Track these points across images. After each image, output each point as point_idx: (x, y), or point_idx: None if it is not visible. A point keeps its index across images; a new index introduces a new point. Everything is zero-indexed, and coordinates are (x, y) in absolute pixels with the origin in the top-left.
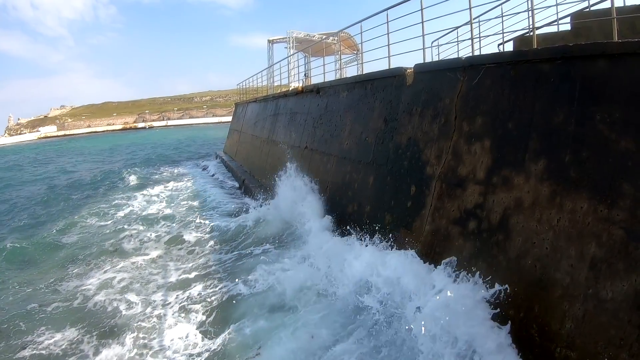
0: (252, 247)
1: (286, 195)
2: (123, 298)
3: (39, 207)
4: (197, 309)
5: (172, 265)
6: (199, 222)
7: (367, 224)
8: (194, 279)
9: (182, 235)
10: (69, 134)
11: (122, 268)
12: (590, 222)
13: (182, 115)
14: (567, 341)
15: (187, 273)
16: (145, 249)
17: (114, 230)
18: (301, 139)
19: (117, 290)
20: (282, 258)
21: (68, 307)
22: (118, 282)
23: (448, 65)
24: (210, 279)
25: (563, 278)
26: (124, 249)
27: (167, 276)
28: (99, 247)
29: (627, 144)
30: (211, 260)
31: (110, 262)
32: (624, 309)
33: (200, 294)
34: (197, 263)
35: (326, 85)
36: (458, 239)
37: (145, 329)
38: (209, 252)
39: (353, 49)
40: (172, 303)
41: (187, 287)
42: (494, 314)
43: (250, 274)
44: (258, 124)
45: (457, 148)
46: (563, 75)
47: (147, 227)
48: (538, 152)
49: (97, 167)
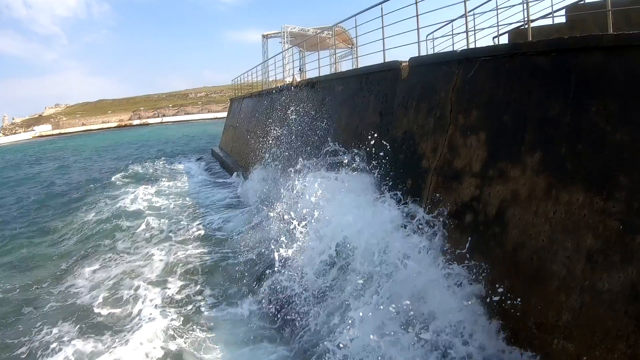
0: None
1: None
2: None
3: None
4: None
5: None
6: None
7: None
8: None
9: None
10: (64, 132)
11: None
12: (587, 214)
13: (177, 112)
14: (564, 333)
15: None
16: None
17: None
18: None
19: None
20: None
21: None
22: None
23: (443, 59)
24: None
25: (560, 270)
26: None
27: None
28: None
29: (623, 136)
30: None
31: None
32: (620, 300)
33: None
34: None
35: (321, 80)
36: (455, 232)
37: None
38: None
39: (348, 43)
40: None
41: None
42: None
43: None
44: (253, 119)
45: (453, 141)
46: (558, 67)
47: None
48: (534, 144)
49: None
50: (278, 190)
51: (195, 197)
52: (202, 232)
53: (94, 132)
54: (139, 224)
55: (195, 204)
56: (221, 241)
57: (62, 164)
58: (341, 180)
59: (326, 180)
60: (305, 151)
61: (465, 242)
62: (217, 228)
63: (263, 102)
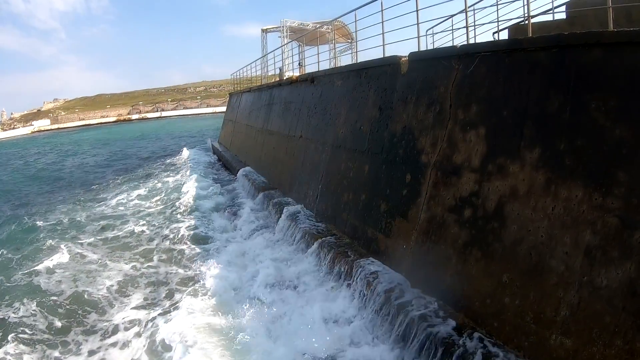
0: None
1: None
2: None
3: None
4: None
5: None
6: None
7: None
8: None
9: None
10: (62, 127)
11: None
12: (585, 210)
13: (176, 106)
14: (562, 328)
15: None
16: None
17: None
18: (296, 128)
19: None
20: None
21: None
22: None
23: (443, 54)
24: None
25: (558, 265)
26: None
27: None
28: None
29: (622, 132)
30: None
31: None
32: (618, 296)
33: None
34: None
35: (320, 74)
36: (453, 227)
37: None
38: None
39: (347, 37)
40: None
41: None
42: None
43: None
44: (252, 113)
45: (452, 136)
46: (558, 63)
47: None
48: (533, 140)
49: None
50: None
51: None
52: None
53: (93, 126)
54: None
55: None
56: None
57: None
58: None
59: None
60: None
61: (464, 236)
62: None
63: (262, 96)
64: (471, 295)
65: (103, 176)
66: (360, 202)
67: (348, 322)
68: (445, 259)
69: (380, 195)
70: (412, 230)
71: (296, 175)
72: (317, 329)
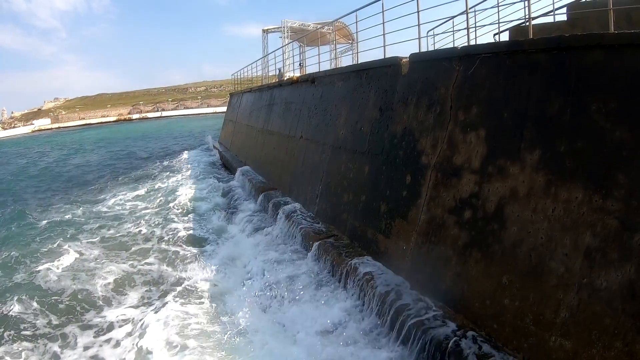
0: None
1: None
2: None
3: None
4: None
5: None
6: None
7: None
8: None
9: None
10: (63, 126)
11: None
12: (585, 211)
13: (176, 106)
14: (561, 330)
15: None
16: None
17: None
18: (296, 129)
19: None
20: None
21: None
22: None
23: (444, 55)
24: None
25: (558, 267)
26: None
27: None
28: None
29: (622, 134)
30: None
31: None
32: (618, 298)
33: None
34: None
35: (321, 75)
36: (453, 228)
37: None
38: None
39: (348, 38)
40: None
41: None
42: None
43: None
44: (253, 114)
45: (453, 137)
46: (559, 65)
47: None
48: (533, 141)
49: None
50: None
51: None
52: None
53: (94, 126)
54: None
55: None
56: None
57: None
58: None
59: None
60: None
61: (464, 238)
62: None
63: (263, 97)
64: (471, 297)
65: (103, 176)
66: (360, 203)
67: (346, 325)
68: (445, 261)
69: (380, 196)
70: (412, 232)
71: (296, 175)
72: (314, 332)
